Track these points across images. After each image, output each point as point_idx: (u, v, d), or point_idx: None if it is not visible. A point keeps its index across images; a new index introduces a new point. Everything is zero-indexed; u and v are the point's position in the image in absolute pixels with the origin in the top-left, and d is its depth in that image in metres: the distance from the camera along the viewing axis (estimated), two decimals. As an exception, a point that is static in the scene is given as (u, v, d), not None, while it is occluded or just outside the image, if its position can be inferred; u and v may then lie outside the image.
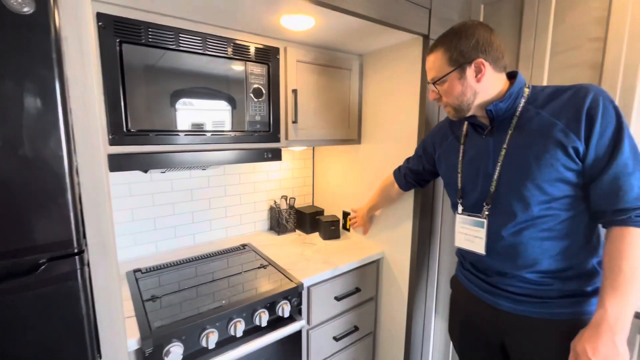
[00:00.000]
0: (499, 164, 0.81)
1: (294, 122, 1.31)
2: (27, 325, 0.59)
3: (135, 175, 1.35)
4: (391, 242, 1.48)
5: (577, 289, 0.78)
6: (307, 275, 1.25)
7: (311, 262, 1.38)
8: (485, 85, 0.80)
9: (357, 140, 1.57)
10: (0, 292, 0.55)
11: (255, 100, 1.20)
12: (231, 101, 1.15)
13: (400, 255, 1.44)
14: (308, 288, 1.25)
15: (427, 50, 1.22)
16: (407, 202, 1.37)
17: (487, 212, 0.85)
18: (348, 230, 1.73)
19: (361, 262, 1.42)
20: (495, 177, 0.82)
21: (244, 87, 1.16)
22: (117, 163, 0.94)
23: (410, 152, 1.34)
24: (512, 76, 0.85)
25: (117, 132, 0.94)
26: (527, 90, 0.82)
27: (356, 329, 1.45)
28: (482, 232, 0.86)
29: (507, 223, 0.81)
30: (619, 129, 0.69)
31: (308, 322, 1.27)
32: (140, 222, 1.39)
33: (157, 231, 1.44)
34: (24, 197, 0.56)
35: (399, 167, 1.26)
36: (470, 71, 0.79)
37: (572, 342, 0.70)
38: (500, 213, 0.82)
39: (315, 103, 1.38)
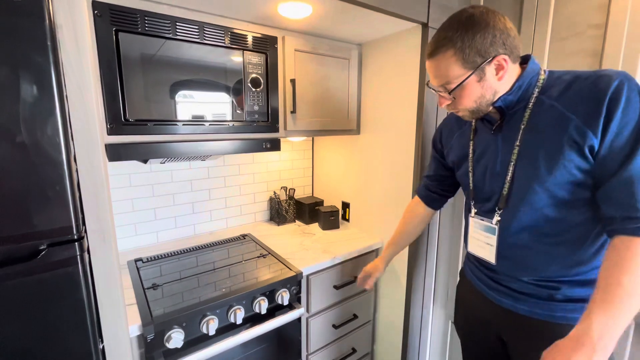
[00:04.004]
0: (512, 163, 0.73)
1: (293, 112, 1.30)
2: (29, 309, 0.60)
3: (135, 165, 1.36)
4: (390, 232, 1.49)
5: (585, 295, 0.72)
6: (306, 264, 1.26)
7: (310, 251, 1.39)
8: (505, 82, 0.70)
9: (356, 130, 1.57)
10: (2, 277, 0.57)
11: (254, 90, 1.20)
12: (229, 91, 1.14)
13: (398, 244, 1.45)
14: (307, 277, 1.27)
15: (426, 38, 1.22)
16: (406, 192, 1.38)
17: (498, 218, 0.78)
18: (348, 221, 1.74)
19: (360, 252, 1.44)
20: (508, 178, 0.74)
21: (242, 77, 1.16)
22: (116, 152, 0.95)
23: (409, 143, 1.34)
24: (524, 60, 0.74)
25: (115, 122, 0.94)
26: (542, 78, 0.71)
27: (355, 317, 1.47)
28: (493, 239, 0.80)
29: (514, 228, 0.76)
30: None
31: (307, 310, 1.29)
32: (140, 212, 1.40)
33: (158, 221, 1.45)
34: (23, 183, 0.57)
35: (419, 185, 1.14)
36: (490, 69, 0.68)
37: (544, 351, 0.62)
38: (509, 218, 0.76)
39: (314, 93, 1.38)
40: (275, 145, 1.28)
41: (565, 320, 0.73)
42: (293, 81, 1.28)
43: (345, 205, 1.74)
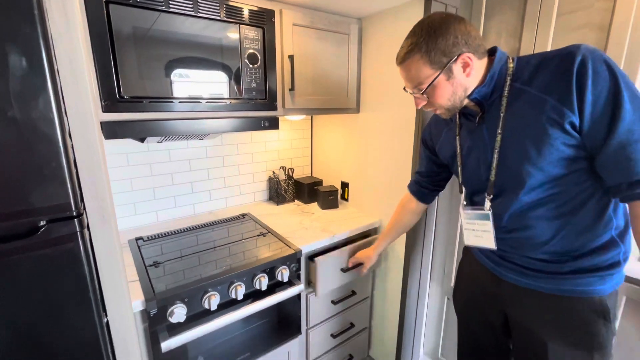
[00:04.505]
0: (496, 150, 0.76)
1: (291, 89, 1.28)
2: (32, 284, 0.61)
3: (132, 144, 1.35)
4: (388, 211, 1.50)
5: (591, 265, 0.73)
6: (305, 242, 1.28)
7: (310, 230, 1.40)
8: (474, 77, 0.75)
9: (355, 109, 1.55)
10: (4, 253, 0.57)
11: (251, 66, 1.17)
12: (226, 68, 1.12)
13: (397, 223, 1.46)
14: (306, 255, 1.28)
15: (429, 10, 1.17)
16: (405, 172, 1.38)
17: (489, 203, 0.81)
18: (347, 200, 1.75)
19: (359, 230, 1.45)
20: (494, 164, 0.77)
21: (239, 53, 1.13)
22: (112, 130, 0.93)
23: (410, 122, 1.33)
24: (491, 53, 0.77)
25: (110, 99, 0.92)
26: (511, 66, 0.74)
27: (353, 293, 1.50)
28: (488, 225, 0.82)
29: (516, 210, 0.77)
30: (616, 92, 0.61)
31: (307, 286, 1.32)
32: (139, 192, 1.40)
33: (157, 201, 1.46)
34: (17, 159, 0.56)
35: (411, 181, 1.17)
36: (457, 67, 0.72)
37: None
38: (504, 201, 0.78)
39: (313, 70, 1.35)
40: (273, 124, 1.27)
41: (571, 293, 0.75)
42: (291, 57, 1.25)
43: (344, 185, 1.74)
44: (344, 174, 1.74)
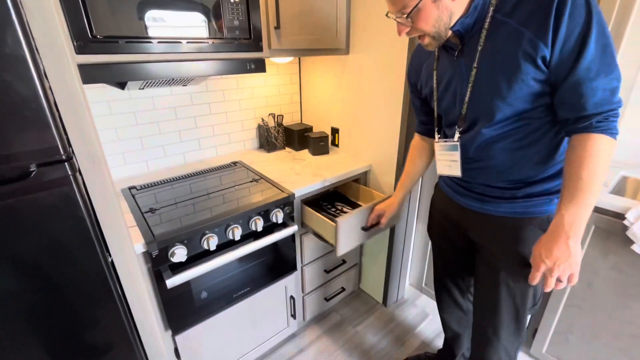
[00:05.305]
0: (470, 84, 0.77)
1: (277, 28, 1.20)
2: (32, 226, 0.63)
3: (113, 92, 1.29)
4: (379, 155, 1.53)
5: (542, 190, 0.81)
6: (297, 186, 1.31)
7: (301, 175, 1.43)
8: (459, 3, 0.71)
9: (345, 50, 1.48)
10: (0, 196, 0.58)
11: (232, 1, 1.08)
12: (205, 7, 1.03)
13: (386, 167, 1.50)
14: (299, 198, 1.33)
15: None
16: (396, 115, 1.37)
17: (458, 135, 0.85)
18: (337, 146, 1.75)
19: (349, 175, 1.48)
20: (467, 98, 0.79)
21: (218, -15, 1.03)
22: (89, 74, 0.89)
23: (402, 62, 1.29)
24: None
25: (82, 39, 0.86)
26: None
27: (345, 233, 1.58)
28: (456, 156, 0.87)
29: (482, 143, 0.81)
30: (587, 29, 0.62)
31: (300, 227, 1.38)
32: (126, 141, 1.38)
33: (146, 150, 1.44)
34: (-5, 100, 0.54)
35: (416, 122, 1.14)
36: None
37: (533, 247, 0.76)
38: (471, 133, 0.83)
39: (299, 6, 1.26)
40: (260, 66, 1.21)
41: (523, 215, 0.84)
42: (275, -10, 1.15)
43: (335, 131, 1.73)
44: (334, 120, 1.72)
